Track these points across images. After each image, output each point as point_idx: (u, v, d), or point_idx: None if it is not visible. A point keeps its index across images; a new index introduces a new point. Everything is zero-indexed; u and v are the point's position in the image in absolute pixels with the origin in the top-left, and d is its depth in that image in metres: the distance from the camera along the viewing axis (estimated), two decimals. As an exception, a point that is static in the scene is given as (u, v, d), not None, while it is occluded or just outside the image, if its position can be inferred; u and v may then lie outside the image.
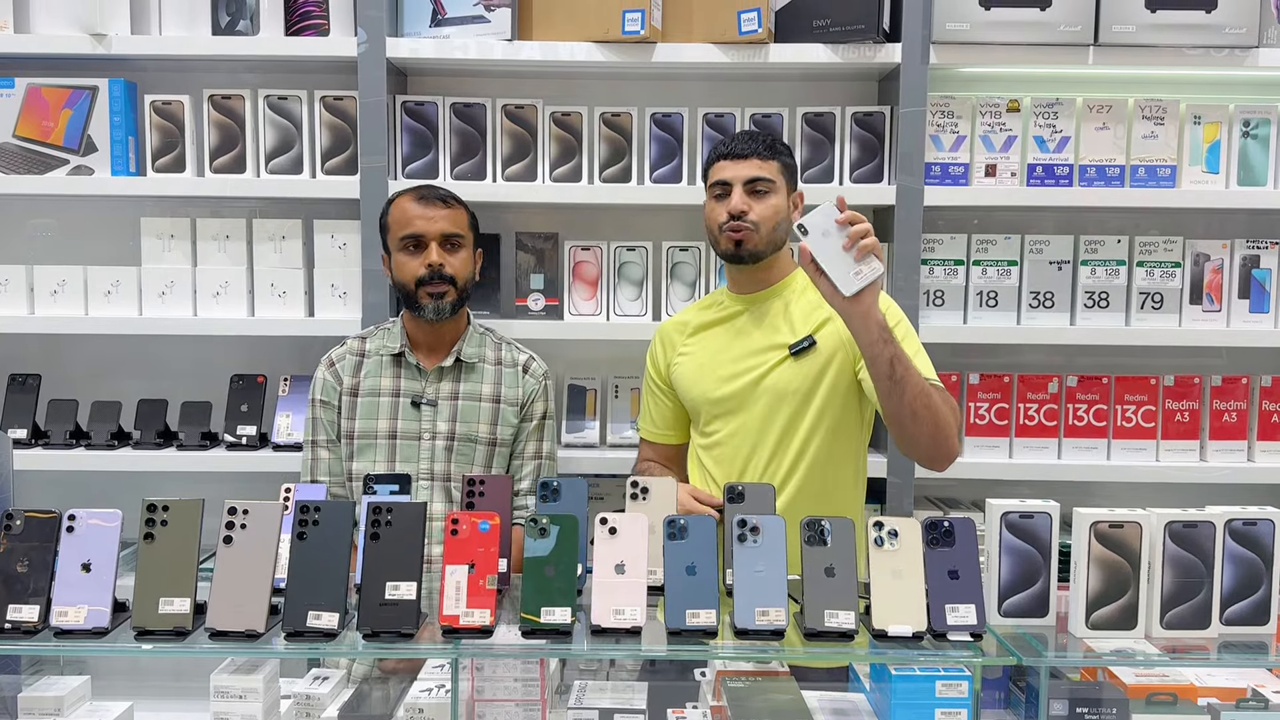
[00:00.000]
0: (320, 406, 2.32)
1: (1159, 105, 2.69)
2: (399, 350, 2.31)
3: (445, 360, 2.31)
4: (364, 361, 2.33)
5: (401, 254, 2.26)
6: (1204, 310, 2.74)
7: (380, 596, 1.58)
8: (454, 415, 2.29)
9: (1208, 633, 1.66)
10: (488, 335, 2.40)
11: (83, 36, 2.67)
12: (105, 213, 2.91)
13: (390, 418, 2.29)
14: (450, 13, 2.68)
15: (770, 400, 2.13)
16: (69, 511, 1.61)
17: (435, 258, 2.23)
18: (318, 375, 2.34)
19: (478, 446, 2.30)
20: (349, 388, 2.31)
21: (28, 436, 2.74)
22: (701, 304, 2.35)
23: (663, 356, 2.30)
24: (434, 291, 2.24)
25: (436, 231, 2.24)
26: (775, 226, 2.15)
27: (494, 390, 2.33)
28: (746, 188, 2.14)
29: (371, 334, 2.38)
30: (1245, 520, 1.67)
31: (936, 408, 1.95)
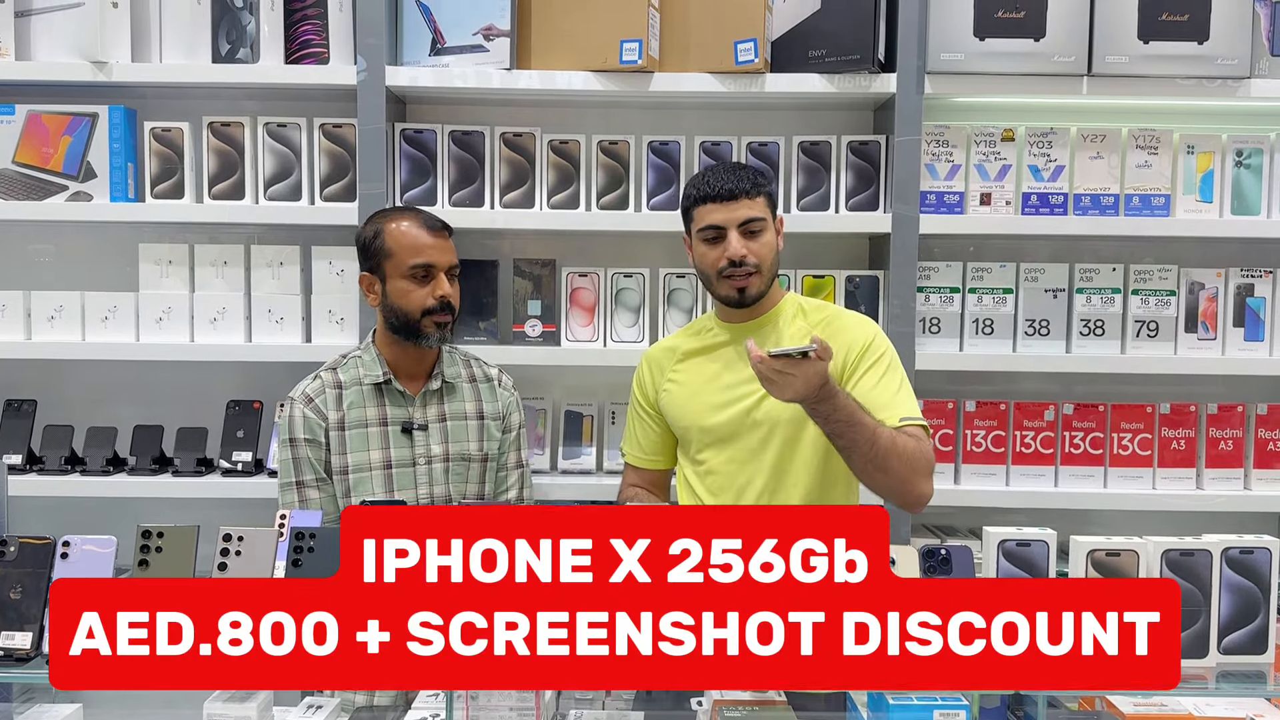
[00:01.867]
0: (306, 445, 2.24)
1: (1152, 135, 2.71)
2: (381, 379, 2.27)
3: (431, 384, 2.31)
4: (343, 393, 2.27)
5: (407, 281, 2.22)
6: (1199, 338, 2.75)
7: (375, 624, 1.57)
8: (446, 436, 2.29)
9: (1205, 661, 1.65)
10: (455, 353, 2.41)
11: (83, 64, 2.69)
12: (104, 239, 2.92)
13: (382, 447, 2.26)
14: (449, 42, 2.70)
15: (765, 430, 2.12)
16: (63, 538, 1.61)
17: (447, 289, 2.23)
18: (294, 414, 2.25)
19: (471, 464, 2.31)
20: (335, 422, 2.25)
21: (23, 462, 2.73)
22: (689, 330, 2.31)
23: (651, 382, 2.28)
24: (441, 321, 2.24)
25: (446, 263, 2.25)
26: (772, 264, 2.14)
27: (476, 407, 2.34)
28: (741, 229, 2.09)
29: (341, 365, 2.32)
30: (1242, 548, 1.67)
31: (891, 468, 1.94)
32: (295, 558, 1.59)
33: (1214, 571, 1.65)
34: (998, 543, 1.68)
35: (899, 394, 2.07)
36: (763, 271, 2.11)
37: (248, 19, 2.72)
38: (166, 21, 2.73)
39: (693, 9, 2.66)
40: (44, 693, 1.85)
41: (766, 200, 2.13)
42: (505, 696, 1.71)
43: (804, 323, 2.17)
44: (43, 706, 1.78)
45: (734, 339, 2.19)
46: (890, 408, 2.03)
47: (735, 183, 2.09)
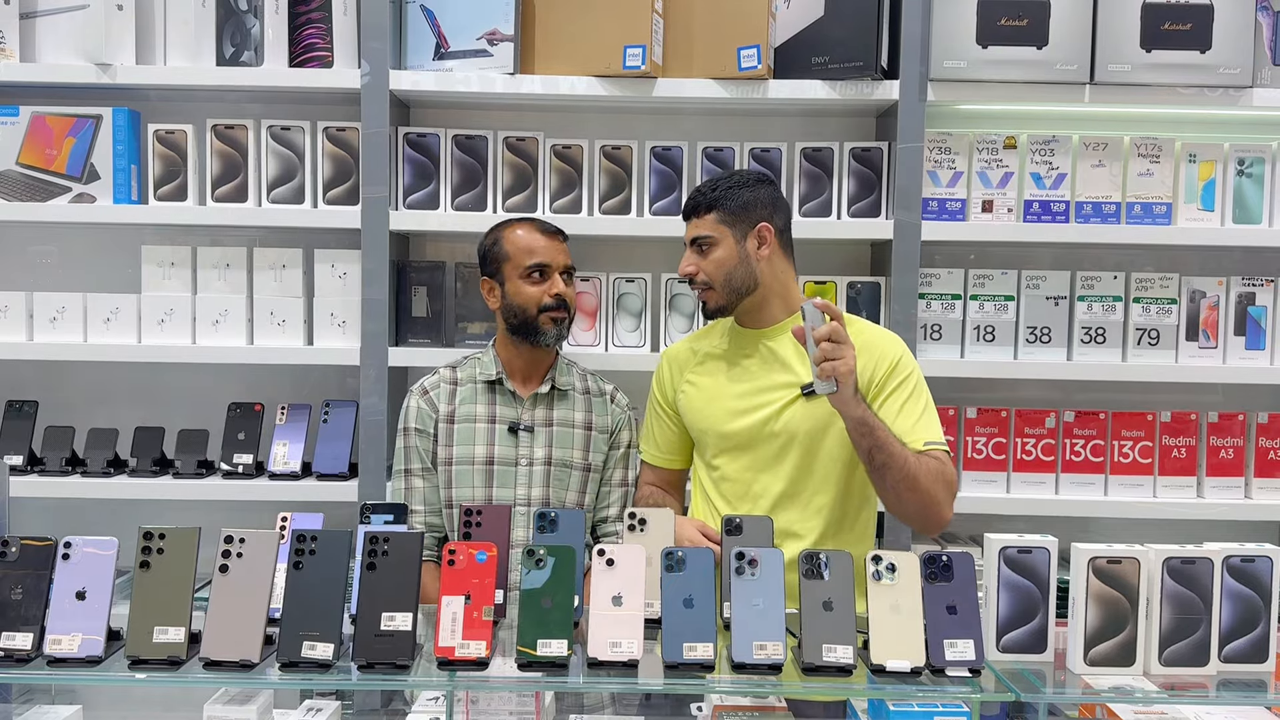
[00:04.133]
0: (416, 435, 2.32)
1: (1154, 143, 2.72)
2: (494, 377, 2.33)
3: (541, 387, 2.34)
4: (458, 389, 2.35)
5: (523, 281, 2.29)
6: (1200, 347, 2.75)
7: (376, 627, 1.57)
8: (550, 441, 2.32)
9: (1206, 670, 1.65)
10: (573, 365, 2.44)
11: (88, 66, 2.70)
12: (106, 240, 2.92)
13: (487, 444, 2.30)
14: (453, 46, 2.71)
15: (783, 440, 2.11)
16: (65, 539, 1.61)
17: (561, 287, 2.30)
18: (410, 404, 2.35)
19: (573, 472, 2.32)
20: (445, 415, 2.32)
21: (24, 463, 2.73)
22: (711, 332, 2.30)
23: (670, 381, 2.29)
24: (557, 317, 2.30)
25: (561, 263, 2.33)
26: (728, 278, 2.14)
27: (585, 418, 2.36)
28: (693, 247, 2.16)
29: (461, 364, 2.40)
30: (1243, 557, 1.67)
31: (922, 489, 1.97)
32: (296, 560, 1.59)
33: (1215, 580, 1.65)
34: (999, 550, 1.68)
35: (924, 416, 2.08)
36: (716, 287, 2.14)
37: (252, 22, 2.72)
38: (171, 24, 2.74)
39: (696, 15, 2.67)
40: (43, 694, 1.85)
41: (719, 217, 2.14)
42: (505, 700, 1.71)
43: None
44: (42, 707, 1.78)
45: (752, 346, 2.18)
46: (916, 430, 2.04)
47: (691, 200, 2.18)
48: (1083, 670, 1.64)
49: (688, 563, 1.62)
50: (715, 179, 2.20)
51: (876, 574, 1.61)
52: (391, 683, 1.61)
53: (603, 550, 1.62)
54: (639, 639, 1.58)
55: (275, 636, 1.58)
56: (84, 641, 1.57)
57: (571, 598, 1.60)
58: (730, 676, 1.58)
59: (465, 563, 1.61)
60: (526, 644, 1.57)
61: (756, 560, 1.62)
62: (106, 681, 1.58)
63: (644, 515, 1.83)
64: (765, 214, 2.16)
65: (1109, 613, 1.64)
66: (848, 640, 1.58)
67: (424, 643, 1.64)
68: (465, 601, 1.59)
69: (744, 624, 1.58)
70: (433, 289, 2.80)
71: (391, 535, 1.63)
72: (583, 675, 1.57)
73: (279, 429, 2.77)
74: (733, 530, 1.86)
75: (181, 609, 1.57)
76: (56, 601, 1.59)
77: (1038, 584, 1.67)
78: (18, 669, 1.57)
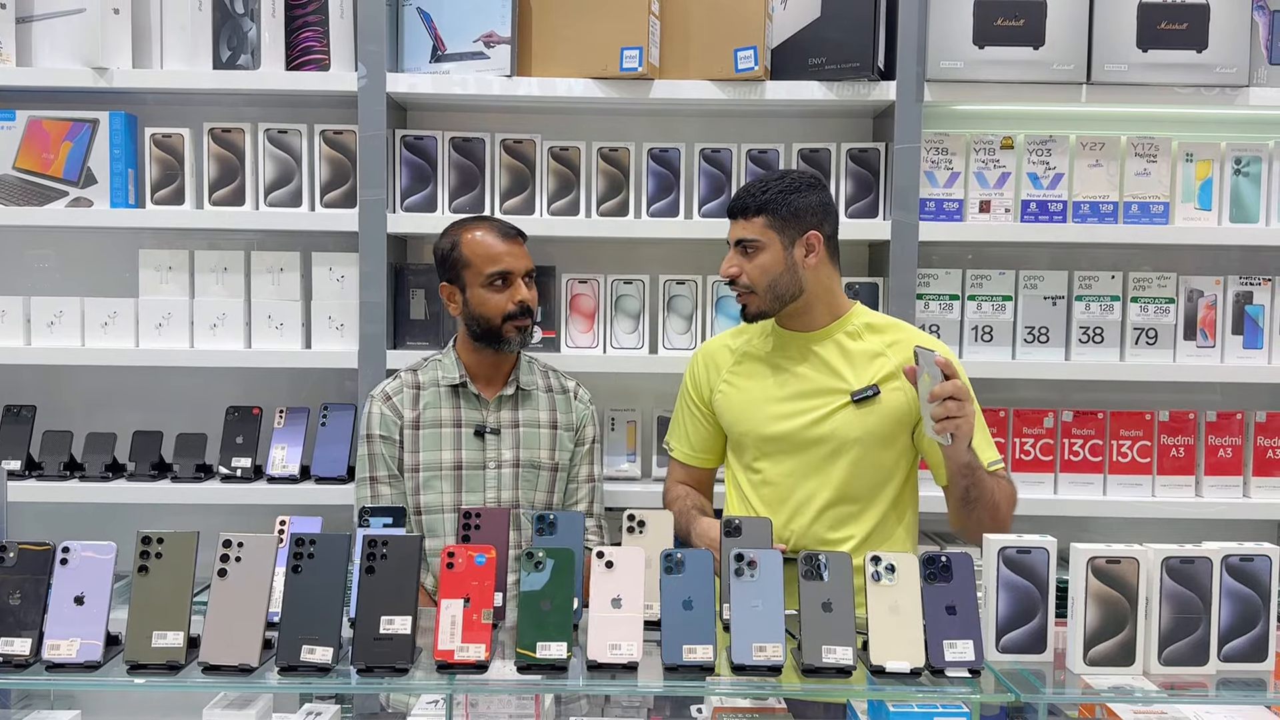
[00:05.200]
0: (381, 442, 2.31)
1: (1151, 143, 2.72)
2: (458, 381, 2.32)
3: (506, 389, 2.33)
4: (420, 394, 2.33)
5: (485, 290, 2.27)
6: (1198, 346, 2.75)
7: (375, 631, 1.57)
8: (517, 443, 2.32)
9: (1206, 669, 1.65)
10: (534, 363, 2.44)
11: (84, 70, 2.69)
12: (104, 244, 2.92)
13: (454, 448, 2.30)
14: (450, 49, 2.71)
15: (832, 446, 2.09)
16: (63, 544, 1.60)
17: (526, 294, 2.28)
18: (373, 410, 2.33)
19: (541, 472, 2.32)
20: (410, 420, 2.31)
21: (22, 468, 2.73)
22: (745, 330, 2.24)
23: (706, 380, 2.23)
24: (521, 325, 2.29)
25: (523, 268, 2.30)
26: (771, 284, 2.08)
27: (550, 417, 2.36)
28: (738, 249, 2.10)
29: (422, 367, 2.38)
30: (1242, 556, 1.66)
31: (1001, 516, 2.01)
32: (295, 564, 1.59)
33: (1214, 579, 1.65)
34: (998, 550, 1.68)
35: (984, 435, 2.08)
36: (758, 292, 2.09)
37: (249, 25, 2.72)
38: (167, 28, 2.74)
39: (693, 16, 2.67)
40: (42, 699, 1.84)
41: (768, 222, 2.07)
42: (505, 703, 1.70)
43: (874, 339, 2.13)
44: (41, 713, 1.77)
45: (797, 348, 2.15)
46: (983, 453, 2.04)
47: (739, 200, 2.10)
48: (1082, 670, 1.63)
49: (687, 564, 1.62)
50: (766, 180, 2.10)
51: (875, 575, 1.61)
52: (391, 686, 1.60)
53: (602, 552, 1.62)
54: (638, 641, 1.58)
55: (274, 640, 1.57)
56: (82, 646, 1.57)
57: (571, 600, 1.60)
58: (730, 678, 1.57)
59: (464, 565, 1.61)
60: (526, 646, 1.57)
61: (756, 561, 1.61)
62: (105, 686, 1.58)
63: (643, 517, 1.83)
64: (815, 221, 2.09)
65: (1108, 612, 1.64)
66: (847, 641, 1.58)
67: (422, 645, 1.64)
68: (464, 604, 1.59)
69: (743, 625, 1.58)
70: (431, 291, 2.79)
71: (390, 538, 1.62)
72: (582, 678, 1.57)
73: (277, 432, 2.76)
74: (732, 532, 1.86)
75: (180, 613, 1.57)
76: (55, 606, 1.58)
77: (1037, 584, 1.67)
78: (16, 674, 1.57)
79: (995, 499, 2.00)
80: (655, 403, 2.87)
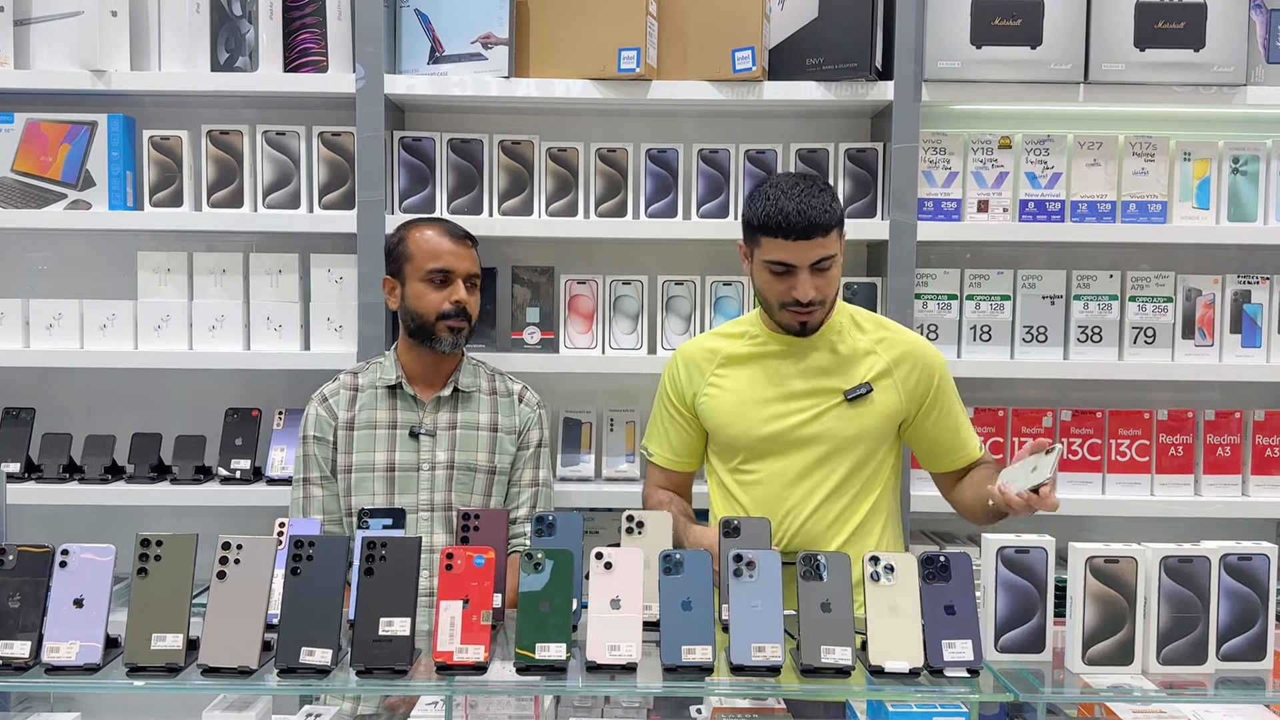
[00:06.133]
0: (315, 443, 2.31)
1: (1149, 142, 2.72)
2: (394, 382, 2.32)
3: (444, 390, 2.32)
4: (358, 395, 2.34)
5: (423, 285, 2.27)
6: (1196, 345, 2.75)
7: (374, 632, 1.57)
8: (453, 444, 2.30)
9: (1205, 668, 1.65)
10: (480, 367, 2.42)
11: (82, 72, 2.69)
12: (102, 247, 2.92)
13: (388, 450, 2.29)
14: (448, 50, 2.71)
15: (827, 446, 2.09)
16: (62, 546, 1.60)
17: (463, 295, 2.28)
18: (310, 411, 2.34)
19: (477, 475, 2.31)
20: (344, 421, 2.31)
21: (21, 470, 2.73)
22: (728, 333, 2.21)
23: (688, 384, 2.20)
24: (455, 326, 2.28)
25: (465, 270, 2.30)
26: (837, 293, 2.09)
27: (491, 419, 2.34)
28: (814, 269, 2.00)
29: (363, 369, 2.39)
30: (1240, 555, 1.67)
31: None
32: (294, 566, 1.59)
33: (1213, 578, 1.65)
34: (996, 549, 1.68)
35: (968, 422, 2.21)
36: (827, 304, 2.07)
37: (246, 27, 2.72)
38: (165, 30, 2.73)
39: (690, 17, 2.67)
40: (41, 702, 1.84)
41: (840, 231, 2.03)
42: (504, 704, 1.71)
43: (862, 337, 2.14)
44: (40, 715, 1.78)
45: (787, 349, 2.13)
46: (970, 440, 2.19)
47: (813, 217, 1.96)
48: (1081, 669, 1.64)
49: (685, 565, 1.62)
50: (816, 191, 2.00)
51: (874, 575, 1.61)
52: (390, 688, 1.60)
53: (601, 553, 1.62)
54: (638, 642, 1.58)
55: (273, 642, 1.57)
56: (82, 649, 1.57)
57: (570, 601, 1.60)
58: (729, 678, 1.58)
59: (463, 567, 1.61)
60: (525, 647, 1.57)
61: (754, 562, 1.62)
62: (105, 689, 1.58)
63: (642, 518, 1.83)
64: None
65: (1107, 612, 1.64)
66: (846, 641, 1.58)
67: (422, 649, 1.64)
68: (463, 606, 1.59)
69: (742, 626, 1.58)
70: (429, 293, 2.79)
71: (389, 540, 1.63)
72: (581, 679, 1.57)
73: (276, 434, 2.76)
74: (730, 532, 1.86)
75: (179, 616, 1.57)
76: (54, 609, 1.58)
77: (1035, 584, 1.67)
78: (16, 677, 1.57)
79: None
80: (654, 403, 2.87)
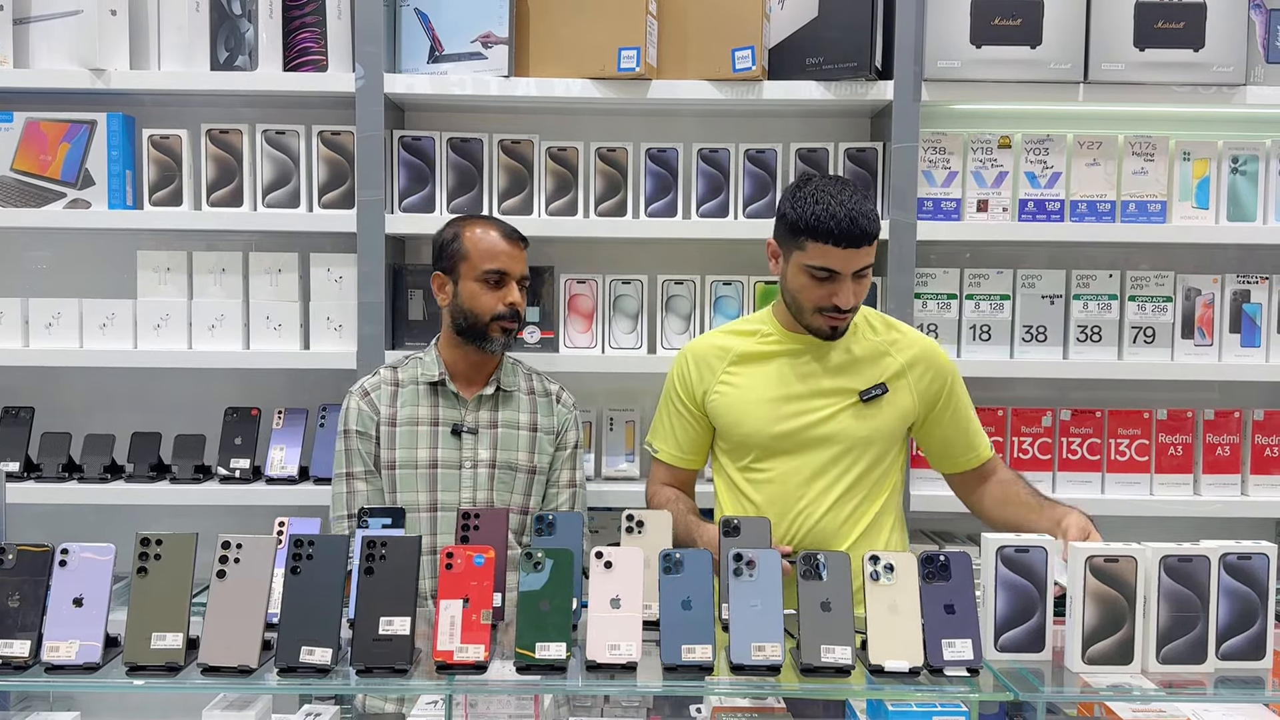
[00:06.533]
0: (357, 437, 2.29)
1: (1149, 142, 2.72)
2: (437, 379, 2.31)
3: (486, 389, 2.32)
4: (399, 391, 2.32)
5: (478, 285, 2.26)
6: (1195, 344, 2.76)
7: (374, 632, 1.57)
8: (494, 443, 2.30)
9: (1204, 667, 1.65)
10: (519, 366, 2.42)
11: (82, 71, 2.69)
12: (101, 246, 2.92)
13: (430, 447, 2.28)
14: (448, 49, 2.71)
15: (840, 447, 2.10)
16: (61, 545, 1.60)
17: (517, 297, 2.27)
18: (350, 405, 2.31)
19: (518, 474, 2.30)
20: (386, 417, 2.29)
21: (21, 470, 2.73)
22: (738, 331, 2.21)
23: (698, 381, 2.19)
24: (507, 327, 2.28)
25: (519, 272, 2.29)
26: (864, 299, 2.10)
27: (530, 419, 2.34)
28: (856, 277, 2.02)
29: (403, 364, 2.37)
30: (1240, 554, 1.67)
31: None
32: (294, 565, 1.59)
33: (1212, 578, 1.65)
34: (996, 549, 1.68)
35: (978, 423, 2.23)
36: (857, 309, 2.08)
37: (246, 26, 2.72)
38: (165, 29, 2.73)
39: (690, 16, 2.67)
40: (41, 701, 1.84)
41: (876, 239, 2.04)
42: (504, 703, 1.71)
43: (874, 338, 2.15)
44: (40, 714, 1.77)
45: (801, 348, 2.13)
46: (980, 440, 2.21)
47: (865, 226, 1.97)
48: (1081, 669, 1.64)
49: (685, 564, 1.62)
50: (865, 198, 2.01)
51: (874, 574, 1.61)
52: (390, 687, 1.60)
53: (600, 553, 1.62)
54: (637, 641, 1.58)
55: (273, 642, 1.57)
56: (81, 648, 1.57)
57: (570, 600, 1.60)
58: (729, 678, 1.58)
59: (463, 566, 1.61)
60: (525, 647, 1.57)
61: (754, 561, 1.62)
62: (104, 688, 1.58)
63: (642, 517, 1.83)
64: None
65: (1106, 611, 1.64)
66: (846, 641, 1.58)
67: (421, 646, 1.64)
68: (464, 605, 1.59)
69: (742, 625, 1.59)
70: (429, 292, 2.78)
71: (389, 539, 1.63)
72: (581, 678, 1.57)
73: (276, 433, 2.76)
74: (730, 532, 1.86)
75: (179, 615, 1.57)
76: (54, 608, 1.58)
77: (1035, 583, 1.67)
78: (15, 676, 1.57)
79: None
80: (654, 403, 2.83)
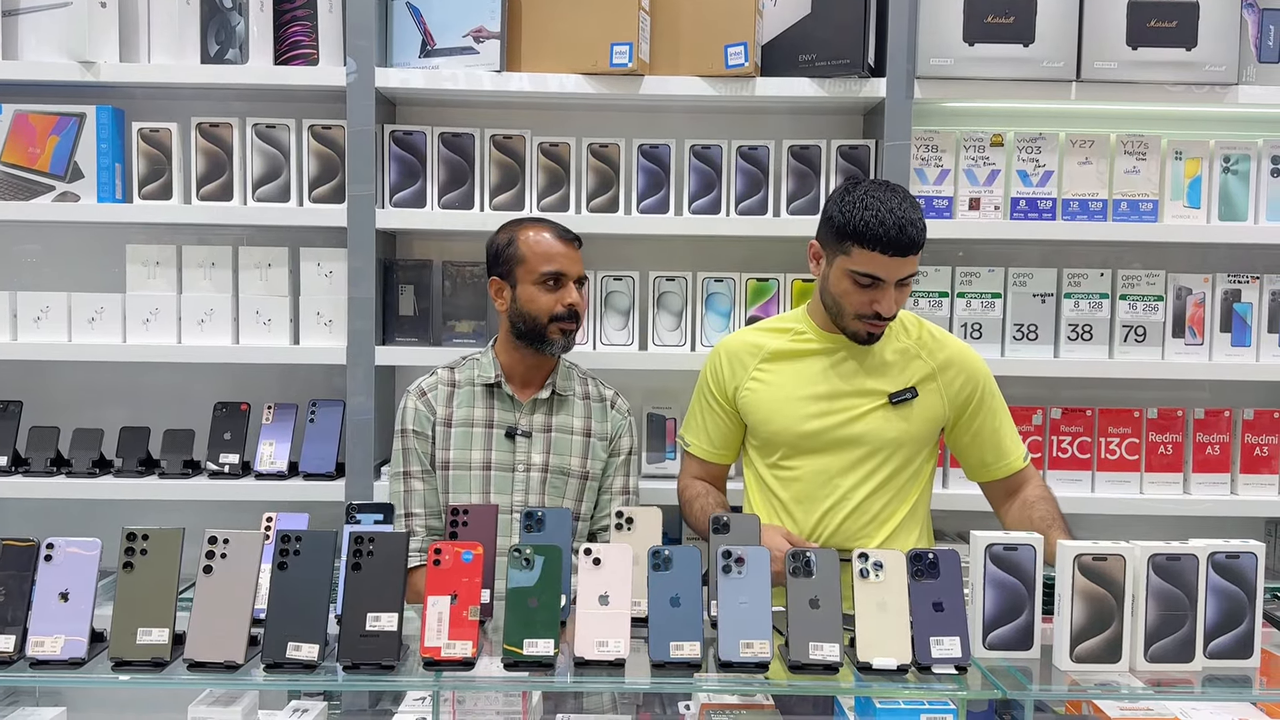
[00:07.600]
0: (415, 437, 2.28)
1: (1141, 141, 2.72)
2: (493, 381, 2.29)
3: (541, 392, 2.30)
4: (455, 392, 2.31)
5: (536, 288, 2.24)
6: (1186, 343, 2.76)
7: (361, 628, 1.57)
8: (548, 447, 2.29)
9: (1192, 666, 1.66)
10: (574, 369, 2.40)
11: (71, 64, 2.68)
12: (91, 239, 2.91)
13: (484, 449, 2.27)
14: (439, 44, 2.70)
15: (868, 447, 2.10)
16: (47, 540, 1.60)
17: (575, 297, 2.26)
18: (408, 405, 2.30)
19: (570, 479, 2.29)
20: (443, 418, 2.29)
21: (8, 464, 2.72)
22: (773, 328, 2.22)
23: (731, 377, 2.20)
24: (566, 329, 2.26)
25: (575, 272, 2.28)
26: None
27: (584, 424, 2.33)
28: (900, 284, 2.02)
29: (459, 365, 2.35)
30: (1228, 553, 1.67)
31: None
32: (281, 561, 1.59)
33: (1200, 576, 1.66)
34: (985, 547, 1.68)
35: (1013, 430, 2.21)
36: (896, 315, 2.08)
37: (237, 19, 2.71)
38: (155, 21, 2.72)
39: (683, 13, 2.67)
40: (27, 696, 1.84)
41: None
42: (492, 700, 1.70)
43: (907, 340, 2.15)
44: (25, 709, 1.77)
45: (837, 348, 2.14)
46: (1014, 449, 2.20)
47: (914, 235, 1.97)
48: (1069, 667, 1.64)
49: (674, 561, 1.62)
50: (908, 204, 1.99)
51: (863, 571, 1.61)
52: (377, 683, 1.60)
53: (589, 549, 1.62)
54: (626, 638, 1.58)
55: (260, 637, 1.57)
56: (67, 643, 1.56)
57: (558, 597, 1.60)
58: (717, 675, 1.58)
59: (451, 562, 1.60)
60: (513, 644, 1.57)
61: (743, 558, 1.61)
62: (90, 683, 1.57)
63: (631, 514, 1.83)
64: None
65: (1095, 609, 1.64)
66: (834, 638, 1.58)
67: (410, 643, 1.63)
68: (451, 601, 1.58)
69: (731, 622, 1.58)
70: (420, 287, 2.79)
71: (377, 535, 1.62)
72: (570, 675, 1.57)
73: (265, 428, 2.76)
74: (719, 528, 1.86)
75: (165, 610, 1.56)
76: (39, 603, 1.58)
77: (1024, 581, 1.68)
78: (0, 671, 1.56)
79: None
80: (645, 399, 2.87)
